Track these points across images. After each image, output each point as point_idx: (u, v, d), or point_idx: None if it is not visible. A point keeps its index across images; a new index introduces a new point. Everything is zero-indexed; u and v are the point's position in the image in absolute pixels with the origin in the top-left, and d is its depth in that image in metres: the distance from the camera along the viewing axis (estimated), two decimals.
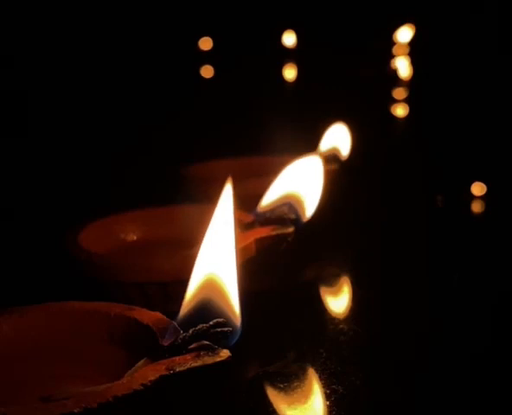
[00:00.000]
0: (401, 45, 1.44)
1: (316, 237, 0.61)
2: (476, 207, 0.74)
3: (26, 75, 1.12)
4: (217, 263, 0.35)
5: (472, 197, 0.74)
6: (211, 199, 0.60)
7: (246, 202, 0.54)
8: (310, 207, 0.52)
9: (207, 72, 1.39)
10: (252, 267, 0.47)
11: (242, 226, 0.50)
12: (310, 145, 0.71)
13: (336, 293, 0.56)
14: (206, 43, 1.43)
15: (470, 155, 0.86)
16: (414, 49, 1.41)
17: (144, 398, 0.30)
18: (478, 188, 0.75)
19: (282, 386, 0.41)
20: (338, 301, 0.54)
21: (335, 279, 0.58)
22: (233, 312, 0.34)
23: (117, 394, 0.29)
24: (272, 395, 0.40)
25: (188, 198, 0.61)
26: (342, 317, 0.51)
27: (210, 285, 0.34)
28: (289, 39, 1.46)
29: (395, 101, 1.22)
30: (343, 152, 0.69)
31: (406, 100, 1.20)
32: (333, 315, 0.51)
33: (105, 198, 0.69)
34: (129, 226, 0.55)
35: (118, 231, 0.55)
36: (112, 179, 0.77)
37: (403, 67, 1.40)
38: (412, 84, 1.30)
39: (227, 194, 0.37)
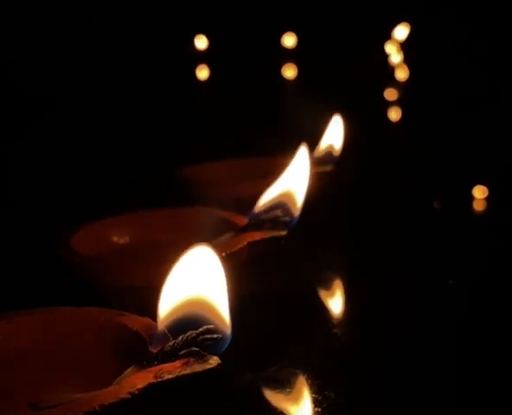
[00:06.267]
0: (396, 41, 1.44)
1: (310, 239, 0.60)
2: (477, 209, 0.74)
3: (24, 79, 1.11)
4: (202, 278, 0.34)
5: (473, 200, 0.74)
6: (206, 201, 0.60)
7: (242, 204, 0.54)
8: (299, 208, 0.51)
9: (203, 72, 1.38)
10: (246, 270, 0.47)
11: (236, 229, 0.50)
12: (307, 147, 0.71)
13: (329, 297, 0.55)
14: (201, 42, 1.43)
15: (470, 157, 0.86)
16: (412, 50, 1.41)
17: (132, 406, 0.30)
18: (480, 191, 0.75)
19: (274, 391, 0.41)
20: (332, 305, 0.54)
21: (329, 283, 0.57)
22: (223, 320, 0.34)
23: (103, 403, 0.29)
24: (265, 401, 0.40)
25: (183, 200, 0.61)
26: (335, 322, 0.50)
27: (198, 302, 0.34)
28: (289, 39, 1.46)
29: (392, 103, 1.21)
30: (339, 154, 0.69)
31: (404, 102, 1.20)
32: (326, 319, 0.51)
33: (98, 201, 0.69)
34: (122, 229, 0.55)
35: (112, 234, 0.54)
36: (105, 181, 0.76)
37: (394, 53, 1.40)
38: (408, 85, 1.29)
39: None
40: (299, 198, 0.51)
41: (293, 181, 0.52)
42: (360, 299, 0.54)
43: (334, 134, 0.70)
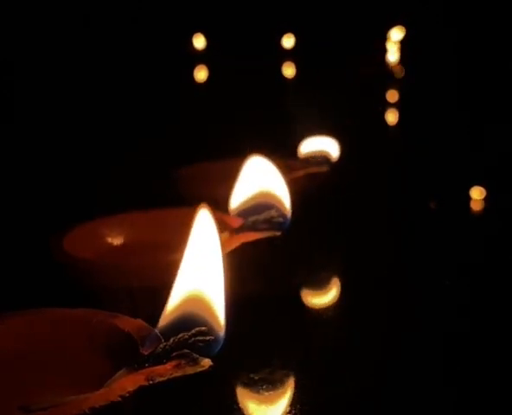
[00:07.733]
0: (394, 42, 1.44)
1: (304, 240, 0.60)
2: (474, 210, 0.74)
3: (23, 79, 1.11)
4: (201, 275, 0.34)
5: (470, 201, 0.74)
6: (201, 201, 0.59)
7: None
8: (289, 209, 0.51)
9: (201, 72, 1.38)
10: (241, 271, 0.46)
11: (230, 230, 0.49)
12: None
13: (324, 298, 0.55)
14: (200, 42, 1.42)
15: (468, 158, 0.86)
16: (410, 50, 1.41)
17: (123, 409, 0.30)
18: (477, 192, 0.75)
19: (267, 393, 0.40)
20: (326, 306, 0.54)
21: (323, 283, 0.57)
22: (217, 321, 0.33)
23: (94, 406, 0.29)
24: (257, 403, 0.40)
25: (178, 201, 0.61)
26: (329, 322, 0.50)
27: (194, 299, 0.34)
28: (288, 40, 1.46)
29: (391, 104, 1.21)
30: (333, 154, 0.69)
31: (402, 103, 1.20)
32: (320, 320, 0.51)
33: (91, 201, 0.68)
34: (115, 229, 0.54)
35: (105, 234, 0.54)
36: (98, 181, 0.76)
37: (392, 52, 1.40)
38: (407, 85, 1.29)
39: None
40: (285, 199, 0.51)
41: (270, 182, 0.52)
42: (358, 299, 0.53)
43: (329, 143, 0.70)
